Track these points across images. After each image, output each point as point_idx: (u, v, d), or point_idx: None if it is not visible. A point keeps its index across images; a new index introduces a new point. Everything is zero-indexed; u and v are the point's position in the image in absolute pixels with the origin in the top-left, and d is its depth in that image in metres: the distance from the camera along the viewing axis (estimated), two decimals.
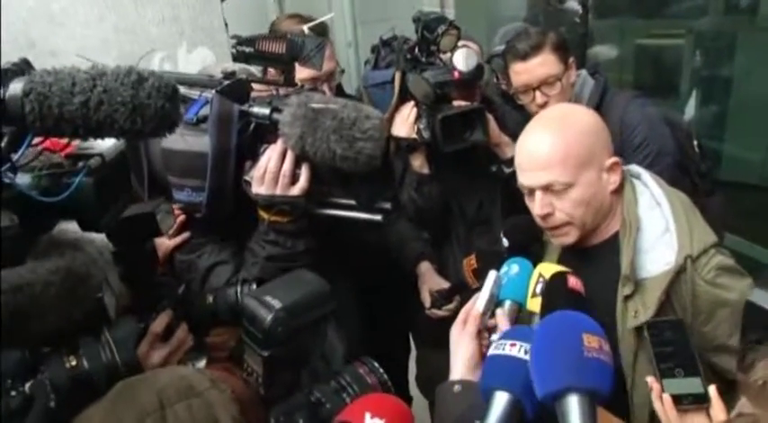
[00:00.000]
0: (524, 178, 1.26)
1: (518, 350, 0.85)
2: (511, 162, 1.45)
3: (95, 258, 0.94)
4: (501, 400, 0.81)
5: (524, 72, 1.79)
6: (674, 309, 1.18)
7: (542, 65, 1.77)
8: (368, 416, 0.80)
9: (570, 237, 1.27)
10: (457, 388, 0.94)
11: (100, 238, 1.01)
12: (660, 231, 1.21)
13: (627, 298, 1.19)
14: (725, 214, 2.00)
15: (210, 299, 1.17)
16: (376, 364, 1.02)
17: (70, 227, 0.95)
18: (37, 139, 0.84)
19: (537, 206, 1.24)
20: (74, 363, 0.93)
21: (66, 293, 0.87)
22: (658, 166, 1.78)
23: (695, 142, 1.93)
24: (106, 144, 0.93)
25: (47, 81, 0.76)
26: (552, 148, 1.21)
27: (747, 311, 1.18)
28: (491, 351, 0.88)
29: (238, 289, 1.18)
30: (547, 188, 1.22)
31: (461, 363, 0.99)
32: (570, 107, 1.41)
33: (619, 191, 1.26)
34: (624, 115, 1.83)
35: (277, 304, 0.92)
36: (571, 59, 1.84)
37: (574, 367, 0.74)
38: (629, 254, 1.19)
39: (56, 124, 0.77)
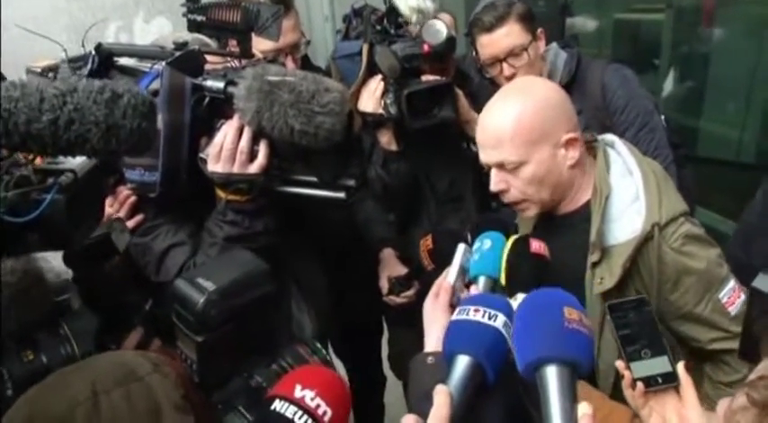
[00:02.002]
0: (481, 155, 1.27)
1: (482, 315, 0.83)
2: None
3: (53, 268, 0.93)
4: (462, 363, 0.80)
5: (490, 44, 1.77)
6: (641, 276, 1.20)
7: (508, 35, 1.74)
8: (298, 388, 0.79)
9: (530, 211, 1.29)
10: (430, 360, 0.94)
11: (57, 264, 0.99)
12: (630, 199, 1.21)
13: (594, 265, 1.21)
14: (696, 187, 2.01)
15: None
16: (318, 345, 1.00)
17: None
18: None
19: (492, 183, 1.25)
20: (31, 357, 0.89)
21: (20, 294, 0.85)
22: (651, 122, 1.80)
23: (662, 117, 1.92)
24: (78, 159, 0.88)
25: (13, 96, 0.72)
26: (502, 126, 1.20)
27: None
28: (454, 316, 0.87)
29: None
30: (500, 166, 1.23)
31: (435, 335, 0.98)
32: (528, 83, 1.37)
33: (579, 165, 1.25)
34: (603, 79, 1.83)
35: (210, 286, 0.87)
36: (539, 30, 1.81)
37: (553, 337, 0.73)
38: (597, 221, 1.20)
39: (22, 142, 0.74)
